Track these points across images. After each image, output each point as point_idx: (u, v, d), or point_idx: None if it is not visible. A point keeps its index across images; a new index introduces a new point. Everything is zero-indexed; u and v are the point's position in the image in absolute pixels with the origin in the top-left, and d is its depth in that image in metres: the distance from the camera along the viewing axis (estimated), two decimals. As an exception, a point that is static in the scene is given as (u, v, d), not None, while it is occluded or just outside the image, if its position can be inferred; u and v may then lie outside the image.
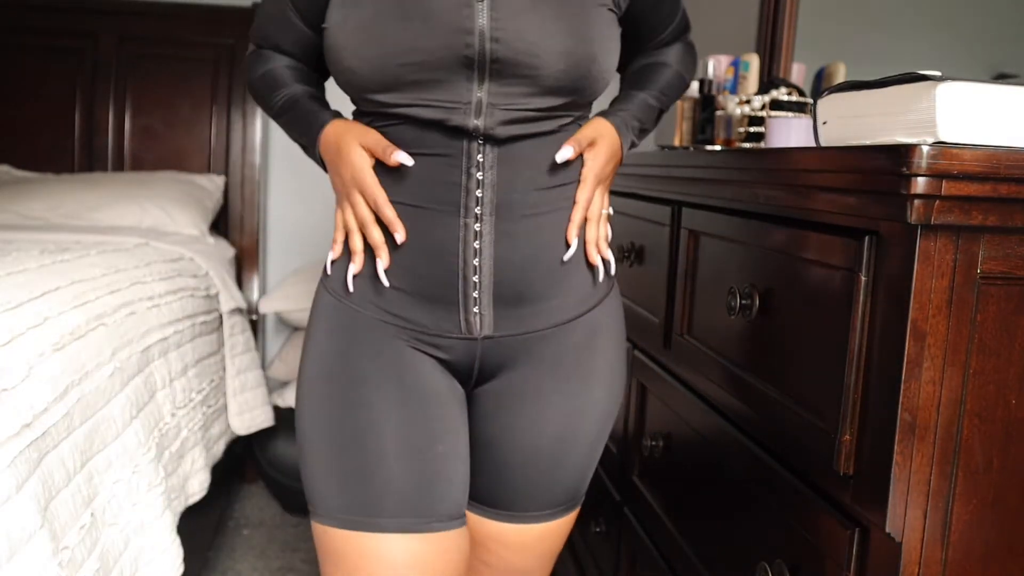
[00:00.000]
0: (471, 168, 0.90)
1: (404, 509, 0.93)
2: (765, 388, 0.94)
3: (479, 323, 0.95)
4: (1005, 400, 0.73)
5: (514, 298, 0.95)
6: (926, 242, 0.69)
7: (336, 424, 0.94)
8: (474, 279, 0.92)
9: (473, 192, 0.90)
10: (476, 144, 0.90)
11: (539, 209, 0.93)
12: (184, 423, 1.68)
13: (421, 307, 0.94)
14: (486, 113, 0.88)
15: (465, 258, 0.92)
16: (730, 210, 1.07)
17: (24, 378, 1.07)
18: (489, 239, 0.92)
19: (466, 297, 0.93)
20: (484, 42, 0.86)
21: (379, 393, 0.94)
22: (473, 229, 0.91)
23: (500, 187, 0.91)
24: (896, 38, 1.73)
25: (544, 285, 0.96)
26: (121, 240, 2.09)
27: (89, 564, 1.13)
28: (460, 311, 0.94)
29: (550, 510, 1.06)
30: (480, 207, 0.91)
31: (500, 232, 0.92)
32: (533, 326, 0.97)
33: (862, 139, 0.81)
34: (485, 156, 0.90)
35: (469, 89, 0.87)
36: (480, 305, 0.94)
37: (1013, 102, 0.71)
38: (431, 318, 0.95)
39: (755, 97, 1.50)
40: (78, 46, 2.72)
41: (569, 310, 0.98)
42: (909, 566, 0.73)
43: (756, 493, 0.99)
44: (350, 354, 0.96)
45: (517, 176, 0.92)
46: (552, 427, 1.01)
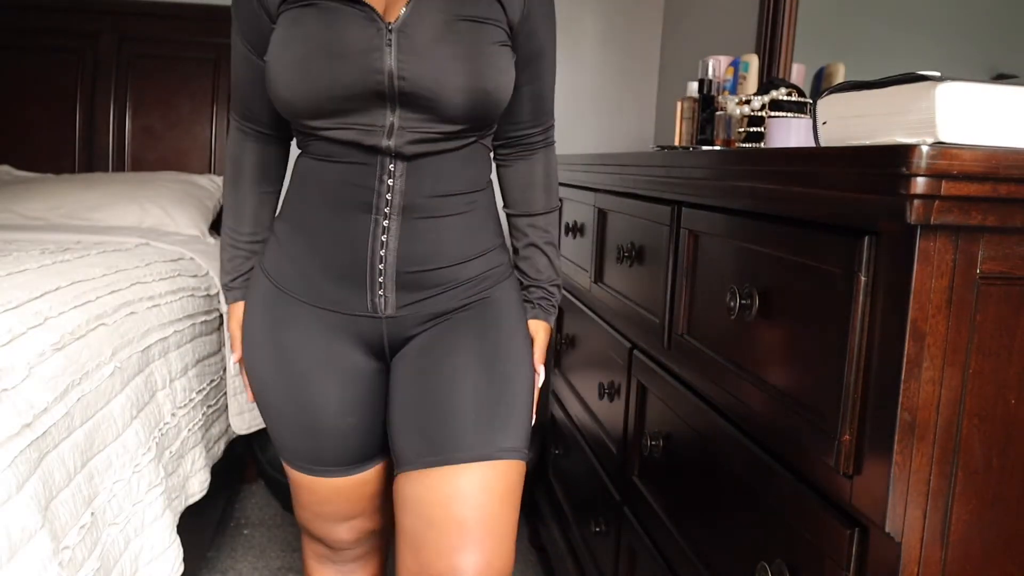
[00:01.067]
0: (383, 176, 1.08)
1: (335, 460, 1.22)
2: (765, 388, 0.94)
3: (383, 304, 1.13)
4: (1005, 400, 0.73)
5: (412, 284, 1.13)
6: (925, 242, 0.69)
7: (284, 391, 1.18)
8: (379, 267, 1.11)
9: (384, 195, 1.09)
10: (388, 158, 1.08)
11: (440, 212, 1.12)
12: (184, 423, 1.68)
13: (335, 288, 1.13)
14: (396, 134, 1.06)
15: (373, 248, 1.10)
16: (730, 210, 1.07)
17: (24, 378, 1.07)
18: (395, 235, 1.10)
19: (372, 281, 1.12)
20: (392, 79, 1.03)
21: (315, 371, 1.16)
22: (382, 225, 1.10)
23: (407, 193, 1.09)
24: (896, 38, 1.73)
25: (438, 274, 1.13)
26: (121, 240, 2.09)
27: (89, 564, 1.13)
28: (367, 293, 1.12)
29: (465, 452, 1.08)
30: (389, 207, 1.09)
31: (405, 229, 1.10)
32: (431, 307, 1.15)
33: (862, 139, 0.81)
34: (396, 167, 1.08)
35: (383, 115, 1.05)
36: (384, 289, 1.12)
37: (1013, 102, 0.71)
38: (343, 298, 1.13)
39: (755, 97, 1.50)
40: (78, 46, 2.72)
41: (462, 296, 1.16)
42: (909, 566, 0.73)
43: (756, 493, 0.99)
44: (287, 334, 1.17)
45: (422, 185, 1.10)
46: (454, 384, 1.12)
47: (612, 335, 1.62)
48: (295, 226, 1.16)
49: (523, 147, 1.25)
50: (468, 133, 1.11)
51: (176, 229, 2.43)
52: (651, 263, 1.38)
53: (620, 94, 2.89)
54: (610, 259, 1.64)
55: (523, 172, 1.26)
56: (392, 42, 1.03)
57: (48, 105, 2.71)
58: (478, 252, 1.17)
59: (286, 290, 1.17)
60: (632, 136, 2.93)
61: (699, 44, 2.51)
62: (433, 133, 1.07)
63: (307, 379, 1.16)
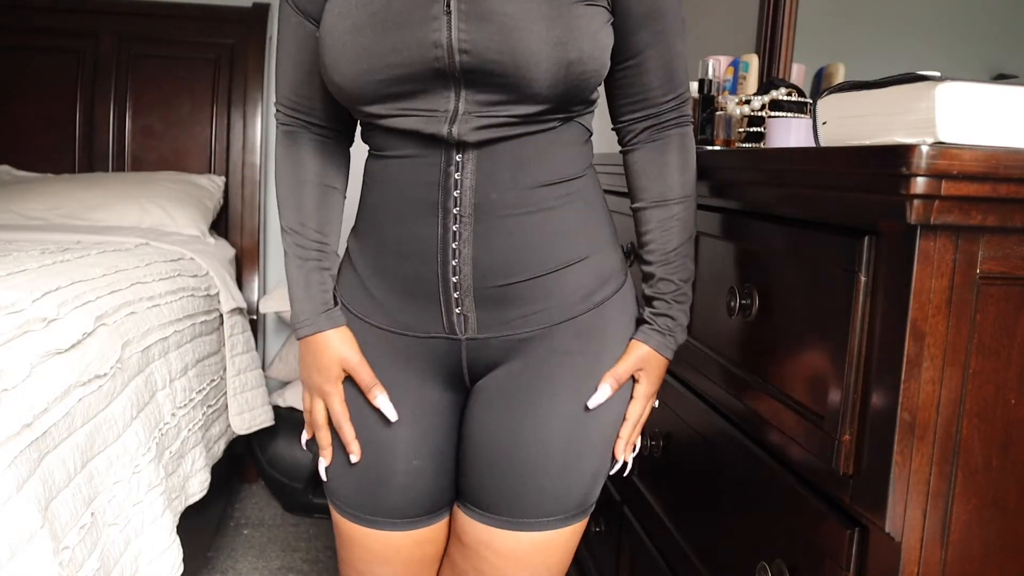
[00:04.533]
0: (449, 168, 0.90)
1: (396, 510, 1.01)
2: (765, 388, 0.94)
3: (463, 324, 0.95)
4: (1005, 400, 0.73)
5: (497, 299, 0.94)
6: (925, 242, 0.69)
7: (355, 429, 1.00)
8: (454, 280, 0.93)
9: (451, 193, 0.90)
10: (454, 147, 0.90)
11: (520, 209, 0.92)
12: (184, 423, 1.68)
13: (406, 306, 0.96)
14: (460, 120, 0.88)
15: (444, 259, 0.92)
16: (730, 210, 1.07)
17: (24, 378, 1.07)
18: (468, 240, 0.91)
19: (447, 297, 0.94)
20: (453, 54, 0.85)
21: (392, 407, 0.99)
22: (452, 230, 0.91)
23: (479, 188, 0.90)
24: (896, 38, 1.73)
25: (528, 287, 0.94)
26: (121, 240, 2.09)
27: (89, 564, 1.13)
28: (442, 311, 0.95)
29: (544, 518, 0.97)
30: (460, 207, 0.91)
31: (479, 233, 0.91)
32: (520, 328, 0.95)
33: (862, 139, 0.81)
34: (464, 157, 0.90)
35: (447, 98, 0.87)
36: (462, 306, 0.94)
37: (1013, 102, 0.71)
38: (416, 318, 0.96)
39: (755, 97, 1.50)
40: (78, 46, 2.72)
41: (559, 313, 0.96)
42: (909, 566, 0.73)
43: (756, 493, 0.99)
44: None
45: (499, 175, 0.91)
46: (542, 428, 0.96)
47: (612, 335, 1.62)
48: (362, 237, 1.00)
49: (653, 127, 1.00)
50: (553, 114, 0.91)
51: (176, 229, 2.43)
52: (651, 263, 1.38)
53: (620, 94, 2.89)
54: (610, 259, 1.64)
55: (654, 159, 1.01)
56: (452, 7, 0.85)
57: (48, 105, 2.71)
58: (578, 257, 0.95)
59: (355, 312, 1.00)
60: (632, 136, 2.92)
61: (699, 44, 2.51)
62: (507, 117, 0.88)
63: (372, 412, 1.00)
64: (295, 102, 1.00)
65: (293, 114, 1.01)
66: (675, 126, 1.01)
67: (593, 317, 0.97)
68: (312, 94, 0.99)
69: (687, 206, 1.00)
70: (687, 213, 1.00)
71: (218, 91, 2.76)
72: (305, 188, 1.01)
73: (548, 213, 0.93)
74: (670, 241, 0.99)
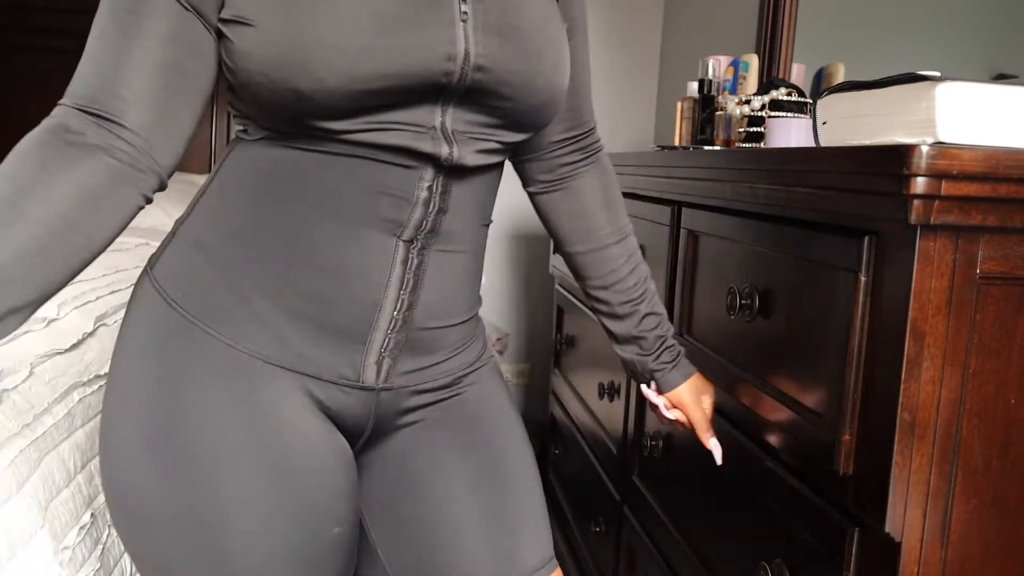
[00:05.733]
0: (430, 184, 0.76)
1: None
2: (765, 388, 0.94)
3: (381, 371, 0.79)
4: (1005, 400, 0.73)
5: (425, 346, 0.82)
6: (926, 242, 0.69)
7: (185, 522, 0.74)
8: (394, 314, 0.77)
9: (425, 216, 0.77)
10: (432, 169, 0.76)
11: (463, 246, 0.82)
12: (184, 423, 1.68)
13: (311, 342, 0.76)
14: (459, 142, 0.75)
15: (395, 288, 0.77)
16: (730, 210, 1.07)
17: (25, 378, 1.07)
18: (420, 271, 0.78)
19: (376, 335, 0.78)
20: (466, 71, 0.72)
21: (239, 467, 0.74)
22: (411, 257, 0.77)
23: (448, 213, 0.78)
24: (896, 38, 1.73)
25: (449, 333, 0.84)
26: (121, 240, 2.08)
27: (89, 564, 1.13)
28: (362, 353, 0.78)
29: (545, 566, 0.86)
30: (422, 231, 0.77)
31: (431, 264, 0.79)
32: (432, 376, 0.84)
33: (862, 139, 0.81)
34: (447, 181, 0.77)
35: (431, 112, 0.73)
36: (388, 347, 0.79)
37: (1013, 102, 0.71)
38: (326, 358, 0.77)
39: (755, 97, 1.50)
40: (78, 46, 2.71)
41: (468, 360, 0.88)
42: (909, 566, 0.73)
43: (756, 493, 0.99)
44: (191, 404, 0.74)
45: (464, 205, 0.79)
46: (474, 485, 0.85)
47: (612, 335, 1.62)
48: (250, 237, 0.76)
49: (586, 149, 0.95)
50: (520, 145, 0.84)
51: (176, 229, 2.43)
52: (651, 263, 1.38)
53: (620, 94, 2.89)
54: (610, 259, 1.64)
55: (601, 187, 0.95)
56: (469, 13, 0.73)
57: (48, 105, 2.68)
58: (477, 304, 0.89)
59: (199, 321, 0.76)
60: (632, 136, 2.93)
61: (699, 44, 2.51)
62: (498, 143, 0.79)
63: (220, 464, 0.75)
64: (101, 98, 0.78)
65: (99, 113, 0.77)
66: (600, 148, 0.97)
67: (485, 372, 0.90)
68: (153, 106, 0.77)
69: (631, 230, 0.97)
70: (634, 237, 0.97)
71: (218, 91, 2.76)
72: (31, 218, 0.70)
73: (473, 256, 0.84)
74: (641, 273, 0.96)
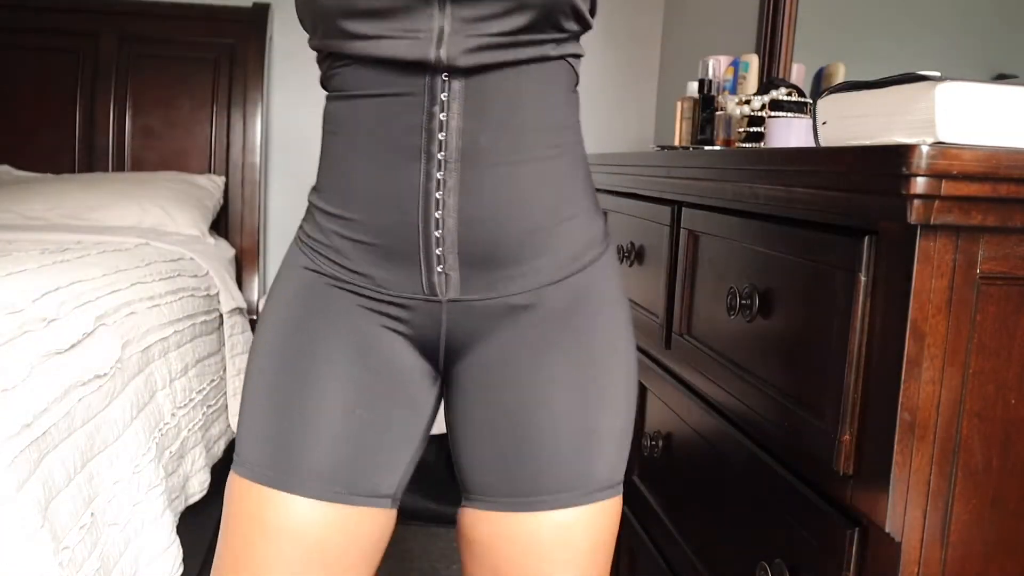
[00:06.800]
0: (433, 108, 0.79)
1: (319, 467, 0.85)
2: (765, 388, 0.94)
3: (444, 284, 0.84)
4: (1005, 400, 0.73)
5: (483, 258, 0.84)
6: (926, 242, 0.69)
7: (277, 380, 0.88)
8: (436, 234, 0.82)
9: (436, 135, 0.80)
10: (440, 79, 0.79)
11: (514, 157, 0.82)
12: (184, 423, 1.68)
13: (381, 263, 0.85)
14: (448, 42, 0.77)
15: (426, 210, 0.81)
16: (730, 210, 1.07)
17: (24, 378, 1.07)
18: (454, 190, 0.81)
19: (428, 254, 0.83)
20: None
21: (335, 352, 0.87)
22: (436, 178, 0.81)
23: (466, 130, 0.80)
24: (895, 38, 1.73)
25: (516, 244, 0.84)
26: (121, 240, 2.09)
27: (89, 564, 1.13)
28: (422, 269, 0.84)
29: (563, 494, 0.87)
30: (444, 151, 0.80)
31: (466, 182, 0.81)
32: (505, 289, 0.86)
33: (862, 139, 0.81)
34: (450, 93, 0.79)
35: (430, 15, 0.77)
36: (445, 264, 0.83)
37: (1013, 102, 0.71)
38: (392, 277, 0.85)
39: (755, 97, 1.50)
40: (78, 46, 2.72)
41: (550, 273, 0.87)
42: (909, 566, 0.73)
43: (756, 493, 0.99)
44: (306, 319, 0.89)
45: (486, 118, 0.81)
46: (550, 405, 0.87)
47: (612, 335, 1.62)
48: (325, 191, 0.88)
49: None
50: (539, 32, 0.81)
51: (176, 229, 2.43)
52: (651, 263, 1.38)
53: (620, 94, 2.89)
54: (610, 259, 1.64)
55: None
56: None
57: (48, 105, 2.71)
58: (567, 216, 0.87)
59: (320, 270, 0.88)
60: (632, 136, 2.93)
61: (699, 44, 2.51)
62: (498, 35, 0.79)
63: (316, 356, 0.87)
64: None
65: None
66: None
67: (583, 279, 0.89)
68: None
69: None
70: None
71: (218, 91, 2.76)
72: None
73: (539, 164, 0.84)
74: None
